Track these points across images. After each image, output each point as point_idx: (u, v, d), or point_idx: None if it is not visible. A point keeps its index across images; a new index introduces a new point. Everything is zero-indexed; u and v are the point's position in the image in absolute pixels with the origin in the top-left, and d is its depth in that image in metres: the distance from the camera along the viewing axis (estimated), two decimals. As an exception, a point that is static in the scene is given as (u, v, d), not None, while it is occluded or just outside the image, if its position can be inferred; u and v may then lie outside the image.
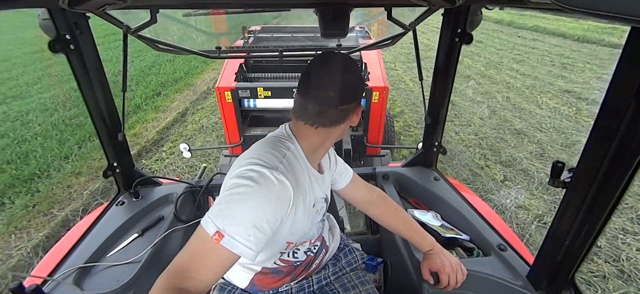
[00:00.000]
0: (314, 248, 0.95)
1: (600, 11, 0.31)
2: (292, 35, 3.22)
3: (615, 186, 0.64)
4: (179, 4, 1.09)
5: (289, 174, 0.71)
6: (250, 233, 0.63)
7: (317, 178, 0.84)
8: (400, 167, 1.49)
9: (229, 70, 2.60)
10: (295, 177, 0.73)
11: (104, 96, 1.12)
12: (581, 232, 0.72)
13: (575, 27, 9.46)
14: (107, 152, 1.21)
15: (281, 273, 0.91)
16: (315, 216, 0.87)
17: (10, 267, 2.22)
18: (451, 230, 1.15)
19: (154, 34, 1.12)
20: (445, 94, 1.27)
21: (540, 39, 9.19)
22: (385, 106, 2.49)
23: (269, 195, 0.66)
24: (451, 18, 1.11)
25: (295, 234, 0.81)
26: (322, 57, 0.76)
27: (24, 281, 0.87)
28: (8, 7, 0.54)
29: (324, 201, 0.91)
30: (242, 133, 2.55)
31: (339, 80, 0.73)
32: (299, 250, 0.90)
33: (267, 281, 0.91)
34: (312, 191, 0.82)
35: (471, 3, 1.01)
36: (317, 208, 0.87)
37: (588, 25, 9.56)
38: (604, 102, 0.62)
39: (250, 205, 0.64)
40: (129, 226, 1.17)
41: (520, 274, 0.92)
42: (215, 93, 2.43)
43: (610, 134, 0.61)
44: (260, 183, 0.65)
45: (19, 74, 6.61)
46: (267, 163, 0.70)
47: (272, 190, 0.66)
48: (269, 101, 2.41)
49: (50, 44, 0.93)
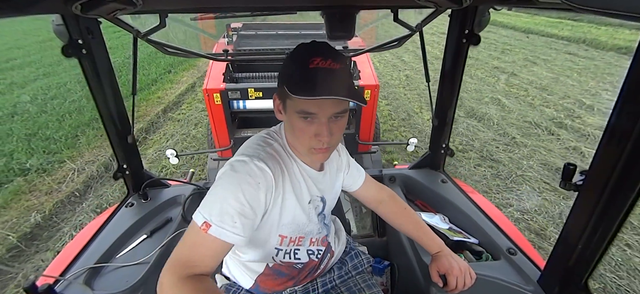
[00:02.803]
0: (318, 251, 0.94)
1: (612, 10, 0.30)
2: (276, 32, 3.10)
3: (629, 188, 0.62)
4: (188, 8, 1.11)
5: (272, 162, 0.73)
6: (236, 219, 0.65)
7: (312, 175, 0.83)
8: (407, 169, 1.48)
9: (216, 71, 2.51)
10: (280, 166, 0.75)
11: (115, 99, 1.15)
12: (594, 236, 0.70)
13: (528, 21, 11.28)
14: (117, 155, 1.23)
15: (284, 276, 0.91)
16: (312, 213, 0.86)
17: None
18: (459, 233, 1.14)
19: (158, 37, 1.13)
20: (452, 95, 1.25)
21: (493, 30, 10.70)
22: (376, 104, 2.48)
23: (249, 180, 0.68)
24: (458, 19, 1.10)
25: (287, 226, 0.81)
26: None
27: (37, 280, 0.89)
28: (24, 14, 0.56)
29: (320, 201, 0.88)
30: (232, 136, 2.46)
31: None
32: (300, 250, 0.90)
33: (269, 283, 0.91)
34: (307, 187, 0.82)
35: (479, 4, 1.00)
36: (314, 205, 0.86)
37: (539, 20, 11.46)
38: (616, 104, 0.60)
39: (231, 192, 0.66)
40: (138, 227, 1.18)
41: (531, 279, 0.90)
42: (203, 95, 2.32)
43: (623, 136, 0.60)
44: (240, 171, 0.68)
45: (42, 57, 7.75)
46: (249, 154, 0.72)
47: (251, 175, 0.68)
48: (260, 101, 2.35)
49: (63, 48, 0.96)
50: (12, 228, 2.48)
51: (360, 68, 2.59)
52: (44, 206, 2.73)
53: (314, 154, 0.76)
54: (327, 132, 0.71)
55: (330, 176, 0.91)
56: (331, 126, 0.72)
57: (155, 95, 5.40)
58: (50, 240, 2.44)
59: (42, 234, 2.49)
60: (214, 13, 1.16)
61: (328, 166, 0.90)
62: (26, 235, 2.42)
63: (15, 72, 6.70)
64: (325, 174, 0.88)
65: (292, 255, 0.89)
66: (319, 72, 0.66)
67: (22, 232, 2.43)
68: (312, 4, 0.89)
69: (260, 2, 0.98)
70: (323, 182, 0.87)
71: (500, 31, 10.69)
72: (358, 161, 2.73)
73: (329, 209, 0.95)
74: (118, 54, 7.59)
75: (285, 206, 0.77)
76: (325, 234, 0.95)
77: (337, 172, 0.95)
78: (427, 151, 1.45)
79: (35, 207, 2.71)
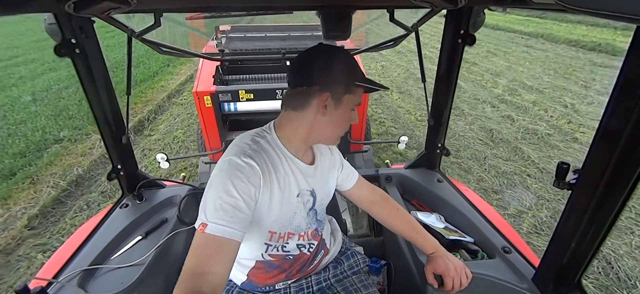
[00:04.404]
0: (309, 245, 0.94)
1: (605, 10, 0.31)
2: (265, 34, 3.10)
3: (621, 187, 0.63)
4: (183, 8, 1.10)
5: (259, 157, 0.75)
6: (231, 214, 0.66)
7: (302, 169, 0.84)
8: (403, 169, 1.49)
9: (206, 73, 2.48)
10: (267, 161, 0.77)
11: (109, 99, 1.13)
12: (587, 234, 0.71)
13: (498, 19, 12.15)
14: (111, 155, 1.21)
15: (275, 268, 0.91)
16: (301, 208, 0.86)
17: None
18: (455, 232, 1.14)
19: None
20: (448, 95, 1.26)
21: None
22: (367, 103, 2.50)
23: (238, 174, 0.70)
24: (454, 19, 1.11)
25: (276, 222, 0.81)
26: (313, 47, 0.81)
27: (29, 283, 0.88)
28: (15, 13, 0.55)
29: (310, 195, 0.88)
30: (223, 138, 2.44)
31: (298, 62, 0.80)
32: (289, 243, 0.90)
33: (261, 276, 0.91)
34: (295, 181, 0.82)
35: (474, 4, 1.01)
36: (302, 200, 0.86)
37: (509, 17, 12.39)
38: (609, 103, 0.61)
39: (223, 188, 0.68)
40: (132, 229, 1.17)
41: (525, 277, 0.91)
42: (193, 97, 2.30)
43: (616, 134, 0.61)
44: (229, 168, 0.71)
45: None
46: (236, 152, 0.74)
47: (239, 170, 0.70)
48: (251, 103, 2.33)
49: (56, 48, 0.94)
50: (61, 177, 3.26)
51: None
52: (82, 163, 3.47)
53: (337, 141, 0.87)
54: (356, 116, 0.85)
55: (321, 171, 0.91)
56: None
57: (159, 84, 6.16)
58: (92, 186, 3.17)
59: (84, 183, 3.22)
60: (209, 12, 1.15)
61: (320, 161, 0.91)
62: (72, 183, 3.16)
63: (20, 68, 7.18)
64: (317, 169, 0.89)
65: (281, 248, 0.89)
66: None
67: (69, 180, 3.17)
68: (308, 3, 0.89)
69: (256, 2, 0.98)
70: (314, 177, 0.88)
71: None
72: (350, 161, 2.76)
73: (322, 206, 0.95)
74: (117, 51, 7.98)
75: (273, 201, 0.78)
76: (316, 228, 0.94)
77: (330, 168, 0.95)
78: (423, 150, 1.46)
79: (75, 165, 3.46)
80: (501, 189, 2.99)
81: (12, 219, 2.69)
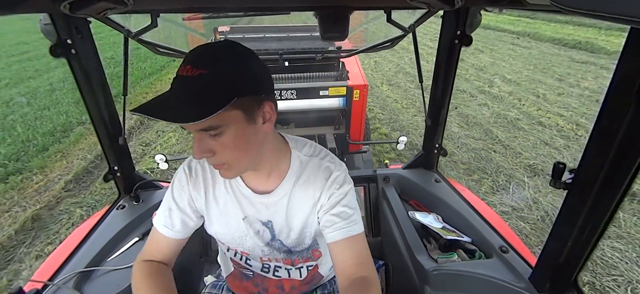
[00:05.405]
0: (275, 271, 0.87)
1: (599, 12, 0.31)
2: (264, 35, 3.09)
3: (617, 186, 0.63)
4: (180, 8, 1.10)
5: (201, 168, 0.79)
6: (167, 214, 0.77)
7: (246, 194, 0.75)
8: (401, 169, 1.49)
9: None
10: (208, 175, 0.78)
11: (105, 100, 1.13)
12: (583, 233, 0.72)
13: (490, 19, 12.04)
14: (108, 156, 1.21)
15: (248, 279, 0.92)
16: (251, 233, 0.78)
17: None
18: (453, 232, 1.15)
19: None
20: (445, 95, 1.27)
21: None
22: (366, 103, 2.49)
23: (176, 182, 0.79)
24: (451, 20, 1.12)
25: (223, 235, 0.81)
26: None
27: (24, 285, 0.87)
28: (10, 13, 0.54)
29: (263, 225, 0.78)
30: None
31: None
32: (251, 261, 0.87)
33: (236, 283, 0.95)
34: (238, 204, 0.76)
35: (470, 5, 1.01)
36: (252, 227, 0.77)
37: (501, 18, 12.37)
38: (604, 103, 0.62)
39: (168, 191, 0.80)
40: (129, 230, 1.16)
41: (522, 276, 0.92)
42: None
43: (610, 134, 0.61)
44: (175, 175, 0.80)
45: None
46: (189, 161, 0.81)
47: (178, 177, 0.79)
48: None
49: (52, 48, 0.94)
50: (88, 152, 3.82)
51: (348, 69, 2.60)
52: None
53: (243, 168, 0.67)
54: (198, 149, 0.59)
55: (288, 204, 0.75)
56: (208, 141, 0.59)
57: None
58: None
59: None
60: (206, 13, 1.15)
61: (286, 193, 0.74)
62: (98, 156, 3.65)
63: (33, 62, 7.60)
64: (274, 199, 0.74)
65: (244, 261, 0.89)
66: (175, 81, 0.57)
67: (95, 154, 3.69)
68: (305, 4, 0.89)
69: (254, 3, 0.98)
70: (270, 207, 0.75)
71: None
72: (349, 161, 2.75)
73: (296, 241, 0.80)
74: (117, 50, 8.13)
75: (211, 213, 0.79)
76: (291, 259, 0.84)
77: (303, 204, 0.76)
78: (421, 150, 1.47)
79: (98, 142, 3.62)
80: (469, 161, 3.48)
81: (50, 183, 3.27)
